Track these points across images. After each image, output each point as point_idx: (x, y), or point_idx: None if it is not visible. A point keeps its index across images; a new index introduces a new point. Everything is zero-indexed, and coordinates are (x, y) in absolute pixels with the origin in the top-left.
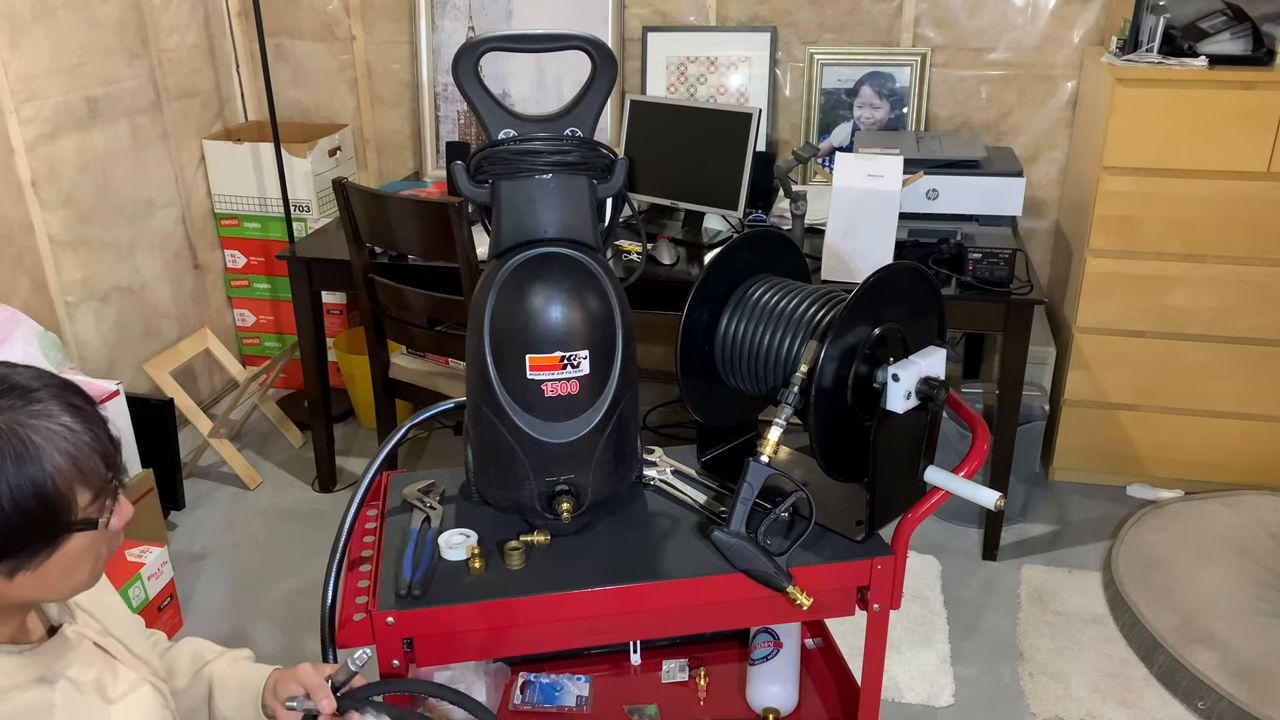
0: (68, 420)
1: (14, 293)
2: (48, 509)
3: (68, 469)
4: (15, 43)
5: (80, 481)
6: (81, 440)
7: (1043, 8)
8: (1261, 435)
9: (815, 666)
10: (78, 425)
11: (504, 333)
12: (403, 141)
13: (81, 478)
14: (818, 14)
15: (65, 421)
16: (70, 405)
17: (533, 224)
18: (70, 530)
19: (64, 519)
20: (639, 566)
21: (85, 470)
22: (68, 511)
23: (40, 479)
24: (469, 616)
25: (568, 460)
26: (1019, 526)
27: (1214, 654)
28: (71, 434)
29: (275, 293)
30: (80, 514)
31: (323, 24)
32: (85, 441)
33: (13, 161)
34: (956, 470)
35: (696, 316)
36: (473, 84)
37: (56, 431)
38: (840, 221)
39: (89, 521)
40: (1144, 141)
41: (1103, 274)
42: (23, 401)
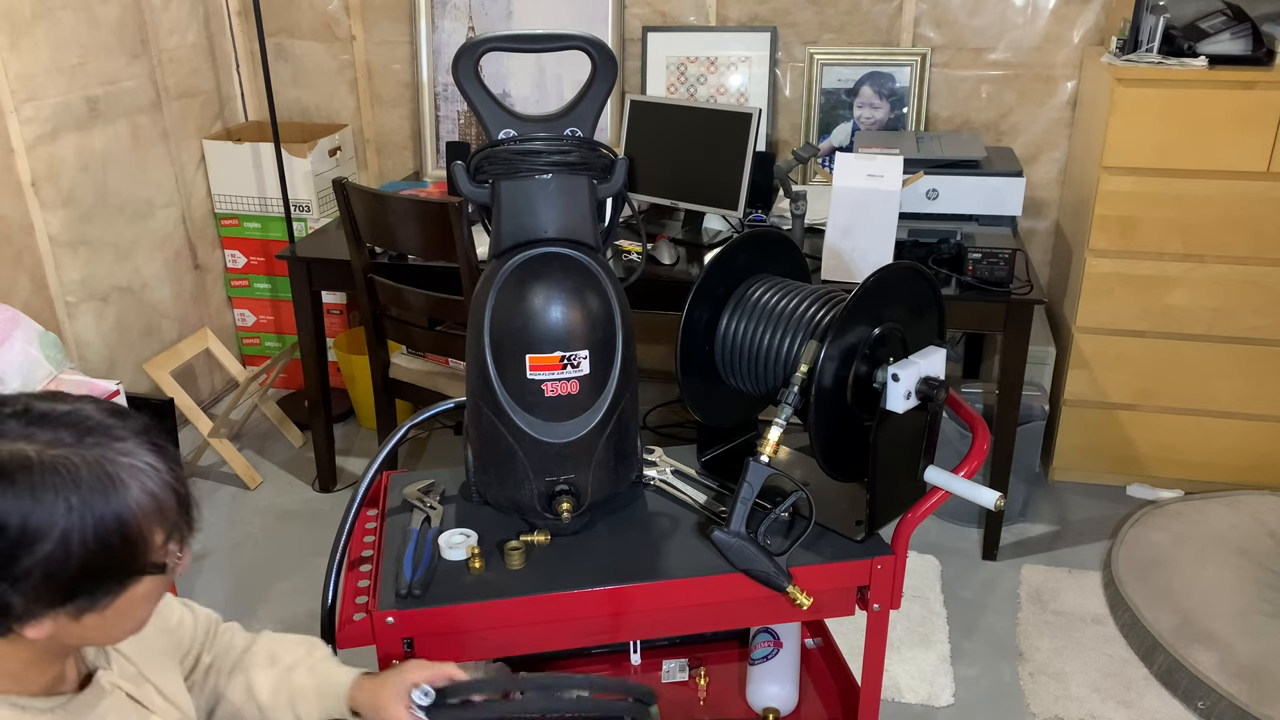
0: (150, 459)
1: (14, 293)
2: (127, 547)
3: (149, 507)
4: (15, 43)
5: (158, 521)
6: (163, 479)
7: (1043, 8)
8: (1261, 435)
9: (815, 666)
10: (160, 464)
11: (504, 332)
12: (403, 141)
13: (160, 518)
14: (818, 14)
15: (148, 460)
16: (153, 444)
17: (533, 224)
18: (143, 572)
19: (140, 559)
20: (639, 566)
21: (164, 510)
22: (144, 552)
23: (125, 514)
24: (469, 616)
25: (568, 460)
26: (1019, 526)
27: (1214, 654)
28: (154, 472)
29: (275, 293)
30: (153, 556)
31: (323, 24)
32: (166, 481)
33: (13, 161)
34: (956, 470)
35: (696, 316)
36: (473, 84)
37: (140, 469)
38: (840, 221)
39: (160, 565)
40: (1144, 141)
41: (1103, 274)
42: (107, 438)
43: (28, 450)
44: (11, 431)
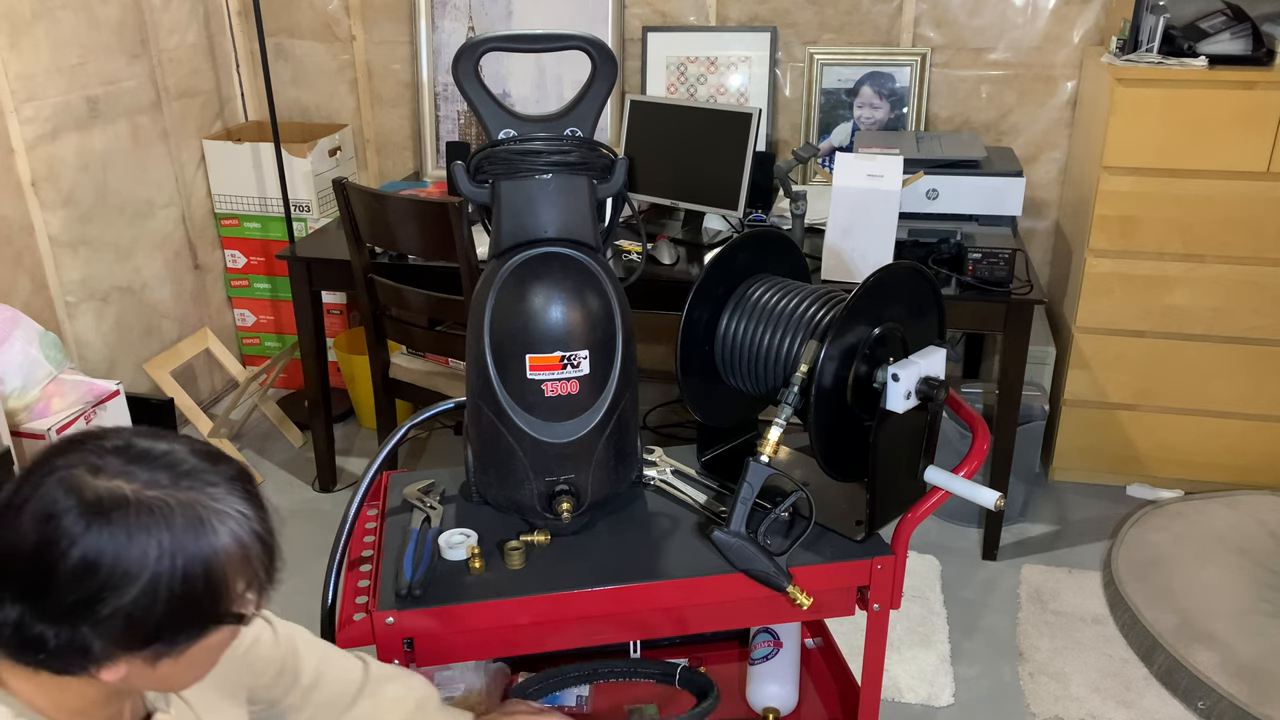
0: (241, 506)
1: (14, 293)
2: (211, 594)
3: (237, 555)
4: (15, 43)
5: (243, 571)
6: (252, 528)
7: (1043, 8)
8: (1261, 435)
9: (815, 666)
10: (250, 512)
11: (504, 333)
12: (403, 141)
13: (245, 566)
14: (818, 14)
15: (239, 507)
16: (245, 491)
17: (533, 224)
18: (222, 621)
19: (221, 608)
20: (639, 566)
21: (250, 559)
22: (226, 600)
23: (212, 561)
24: (469, 616)
25: (568, 460)
26: (1019, 526)
27: (1214, 654)
28: (245, 520)
29: (275, 293)
30: (234, 605)
31: (323, 24)
32: (255, 530)
33: (13, 161)
34: (956, 470)
35: (696, 316)
36: (473, 84)
37: (231, 515)
38: (840, 221)
39: (239, 615)
40: (1144, 141)
41: (1103, 274)
42: (202, 483)
43: (125, 489)
44: (111, 468)
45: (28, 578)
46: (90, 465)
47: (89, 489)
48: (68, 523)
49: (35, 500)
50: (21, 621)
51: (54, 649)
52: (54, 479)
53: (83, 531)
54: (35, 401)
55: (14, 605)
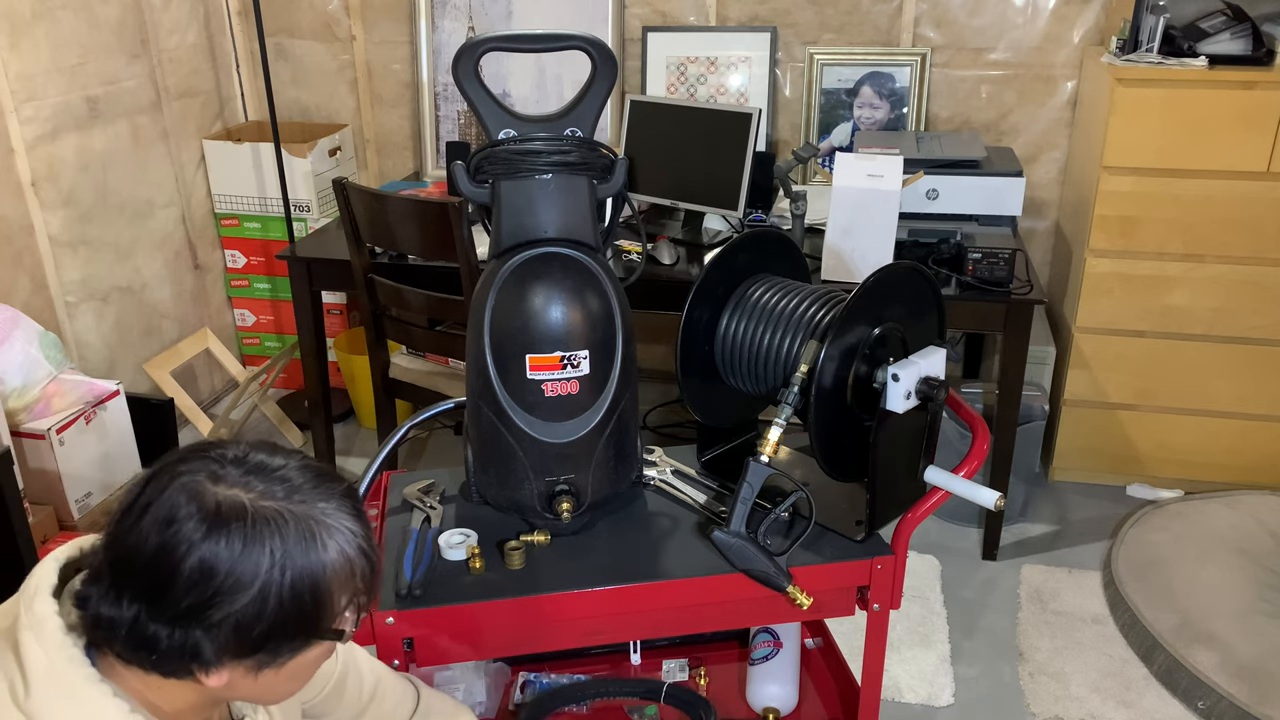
0: (350, 523)
1: (14, 293)
2: (317, 605)
3: (344, 570)
4: (15, 43)
5: (346, 588)
6: (359, 545)
7: (1043, 8)
8: (1261, 435)
9: (815, 666)
10: (358, 529)
11: (504, 333)
12: (403, 141)
13: (349, 583)
14: (818, 14)
15: (349, 525)
16: (355, 509)
17: (533, 224)
18: (324, 636)
19: (324, 622)
20: (639, 566)
21: (355, 575)
22: (329, 615)
23: (320, 574)
24: (469, 616)
25: (568, 460)
26: (1019, 526)
27: (1214, 654)
28: (353, 536)
29: (275, 293)
30: (335, 622)
31: (323, 24)
32: (361, 548)
33: (13, 161)
34: (956, 470)
35: (696, 316)
36: (473, 84)
37: (340, 531)
38: (840, 221)
39: (339, 632)
40: (1144, 141)
41: (1103, 274)
42: (314, 498)
43: (243, 499)
44: (230, 478)
45: (147, 578)
46: (211, 474)
47: (209, 496)
48: (189, 529)
49: (158, 504)
50: (138, 620)
51: (165, 649)
52: (177, 484)
53: (202, 538)
54: (35, 401)
55: (132, 605)
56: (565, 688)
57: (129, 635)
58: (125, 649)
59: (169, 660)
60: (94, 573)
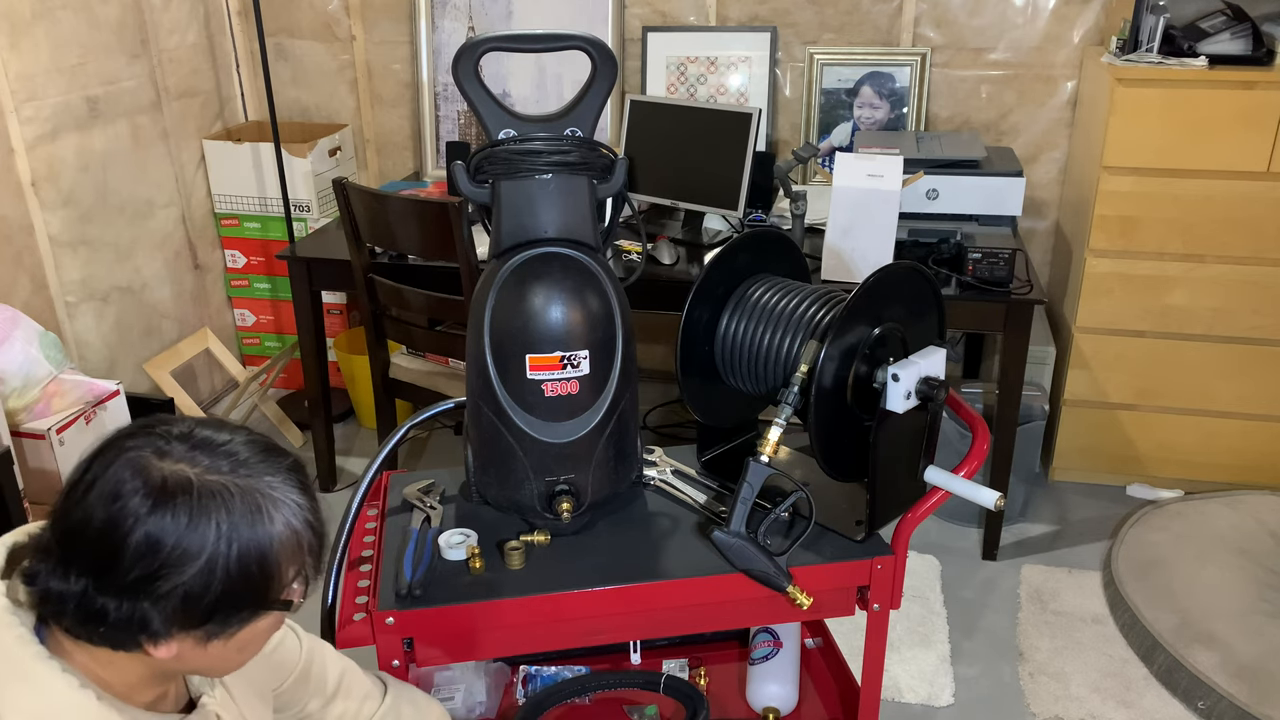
0: (297, 496)
1: (14, 293)
2: (264, 579)
3: (290, 542)
4: (15, 43)
5: (293, 559)
6: (306, 519)
7: (1043, 8)
8: (1261, 435)
9: (815, 666)
10: (304, 502)
11: (504, 333)
12: (403, 141)
13: (295, 555)
14: (818, 14)
15: (295, 498)
16: (301, 483)
17: (533, 224)
18: (271, 606)
19: (271, 593)
20: (639, 566)
21: (302, 547)
22: (276, 586)
23: (267, 546)
24: (469, 616)
25: (568, 460)
26: (1019, 526)
27: (1214, 654)
28: (299, 509)
29: (275, 293)
30: (283, 593)
31: (323, 24)
32: (308, 520)
33: (13, 161)
34: (956, 470)
35: (696, 316)
36: (473, 84)
37: (286, 504)
38: (840, 221)
39: (286, 602)
40: (1144, 141)
41: (1103, 274)
42: (260, 472)
43: (189, 473)
44: (176, 453)
45: (94, 553)
46: (157, 449)
47: (155, 471)
48: (134, 503)
49: (104, 480)
50: (86, 593)
51: (114, 621)
52: (122, 460)
53: (148, 512)
54: (35, 401)
55: (80, 578)
56: (566, 681)
57: (78, 608)
58: (74, 622)
59: (118, 632)
60: (42, 549)
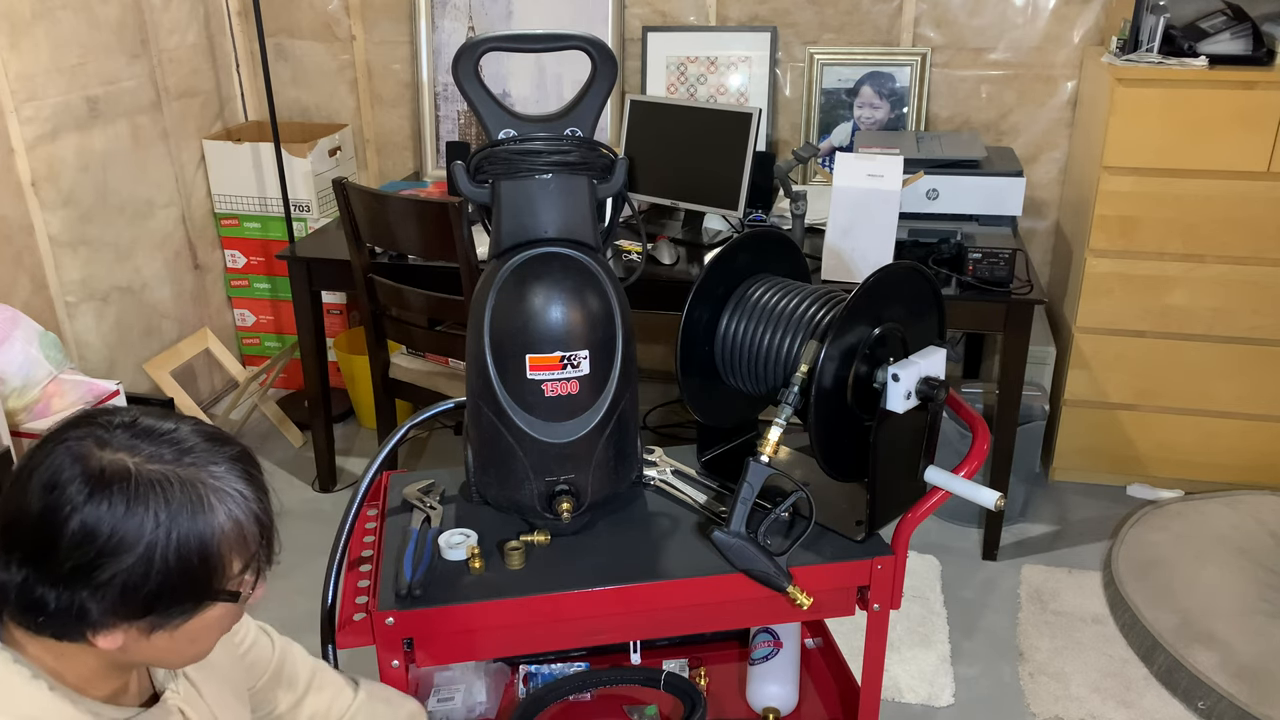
0: (240, 486)
1: (14, 293)
2: (206, 570)
3: (233, 534)
4: (15, 43)
5: (238, 549)
6: (250, 508)
7: (1043, 8)
8: (1261, 435)
9: (815, 666)
10: (249, 493)
11: (504, 333)
12: (403, 141)
13: (241, 546)
14: (818, 14)
15: (238, 487)
16: (246, 473)
17: (533, 224)
18: (217, 597)
19: (215, 584)
20: (639, 566)
21: (246, 538)
22: (221, 578)
23: (208, 537)
24: (469, 616)
25: (568, 460)
26: (1019, 526)
27: (1214, 654)
28: (243, 500)
29: (275, 293)
30: (228, 583)
31: (323, 24)
32: (252, 510)
33: (13, 161)
34: (956, 470)
35: (696, 316)
36: (473, 84)
37: (230, 495)
38: (840, 221)
39: (233, 593)
40: (1144, 141)
41: (1103, 274)
42: (203, 461)
43: (128, 462)
44: (117, 441)
45: (33, 542)
46: (97, 438)
47: (93, 460)
48: (71, 492)
49: (43, 469)
50: (26, 582)
51: (54, 611)
52: (62, 449)
53: (84, 500)
54: (35, 401)
55: (20, 568)
56: (566, 677)
57: (19, 598)
58: (17, 612)
59: (59, 622)
60: None
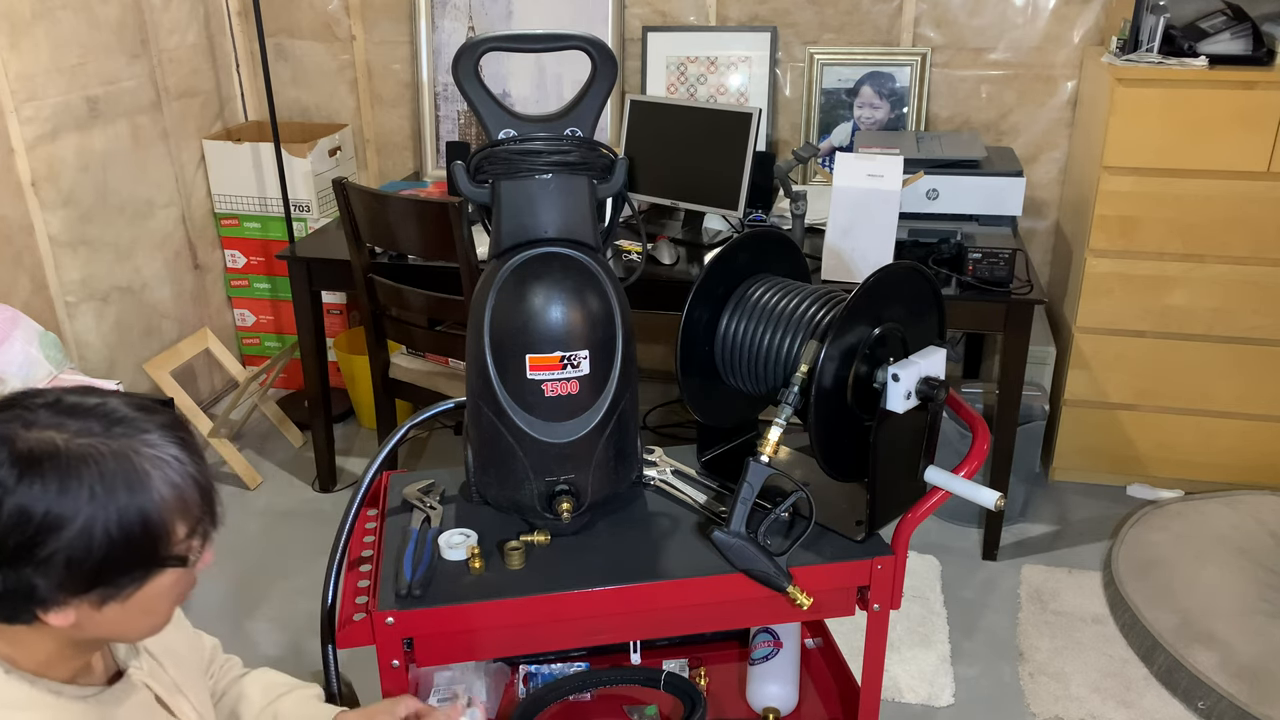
0: (174, 451)
1: (14, 293)
2: (149, 538)
3: (172, 500)
4: (15, 43)
5: (181, 515)
6: (187, 473)
7: (1043, 8)
8: (1261, 435)
9: (815, 666)
10: (184, 457)
11: (504, 333)
12: (403, 141)
13: (183, 511)
14: (818, 14)
15: (173, 453)
16: (178, 438)
17: (533, 224)
18: (164, 564)
19: (161, 551)
20: (639, 566)
21: (187, 503)
22: (166, 544)
23: (147, 505)
24: (469, 616)
25: (568, 460)
26: (1019, 526)
27: (1214, 654)
28: (179, 465)
29: (275, 293)
30: (175, 549)
31: (323, 24)
32: (190, 474)
33: (13, 161)
34: (956, 470)
35: (696, 316)
36: (473, 84)
37: (165, 462)
38: (840, 221)
39: (180, 558)
40: (1144, 141)
41: (1103, 274)
42: (133, 430)
43: (56, 439)
44: (42, 421)
45: None
46: (23, 420)
47: (20, 441)
48: (1, 475)
49: None
50: None
51: (2, 594)
52: None
53: (15, 482)
54: None
55: None
56: (566, 677)
57: None
58: None
59: (8, 604)
60: None
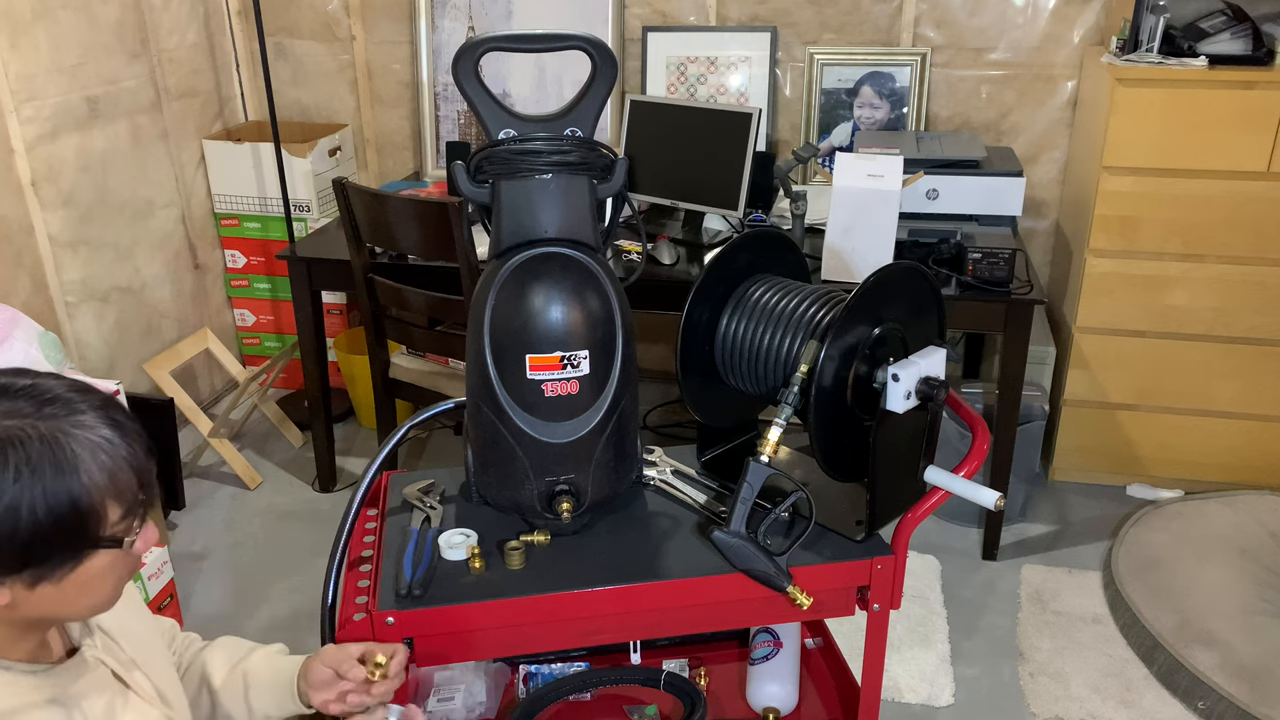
0: (107, 433)
1: (14, 293)
2: (79, 521)
3: (104, 482)
4: (15, 43)
5: (113, 497)
6: (119, 455)
7: (1043, 8)
8: (1261, 435)
9: (815, 666)
10: (116, 439)
11: (504, 333)
12: (403, 141)
13: (115, 493)
14: (818, 14)
15: (105, 434)
16: (111, 419)
17: (533, 224)
18: (97, 546)
19: (93, 533)
20: (639, 566)
21: (120, 486)
22: (97, 526)
23: (76, 490)
24: (469, 616)
25: (568, 460)
26: (1019, 526)
27: (1214, 654)
28: (110, 447)
29: (275, 293)
30: (108, 530)
31: (323, 24)
32: (123, 456)
33: (13, 161)
34: (956, 470)
35: (696, 316)
36: (473, 84)
37: (96, 444)
38: (840, 221)
39: (115, 540)
40: (1144, 141)
41: (1103, 274)
42: (65, 411)
43: None
44: None
45: None
46: None
47: None
48: None
49: None
50: None
51: None
52: None
53: None
54: None
55: None
56: (567, 677)
57: None
58: None
59: None
60: None
